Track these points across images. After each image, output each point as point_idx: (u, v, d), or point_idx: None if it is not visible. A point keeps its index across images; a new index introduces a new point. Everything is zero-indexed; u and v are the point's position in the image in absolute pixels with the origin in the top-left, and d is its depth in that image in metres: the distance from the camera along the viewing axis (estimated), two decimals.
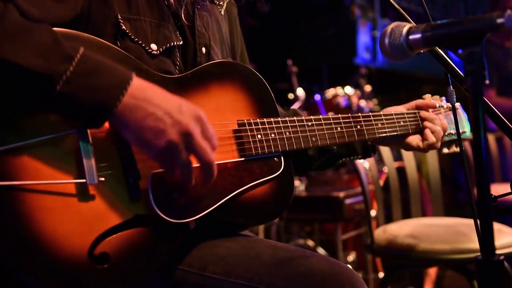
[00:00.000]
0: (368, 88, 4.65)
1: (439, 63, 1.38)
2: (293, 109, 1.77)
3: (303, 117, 1.50)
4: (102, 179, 1.19)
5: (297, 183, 3.68)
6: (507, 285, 1.00)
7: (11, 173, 1.11)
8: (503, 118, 1.35)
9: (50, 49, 1.11)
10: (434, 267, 3.74)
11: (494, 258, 1.00)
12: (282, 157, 1.45)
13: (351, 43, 5.52)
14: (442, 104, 1.77)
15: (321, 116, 1.53)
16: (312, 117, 1.51)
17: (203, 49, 1.48)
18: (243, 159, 1.38)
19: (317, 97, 4.18)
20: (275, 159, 1.44)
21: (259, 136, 1.41)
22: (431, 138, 1.65)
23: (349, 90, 4.24)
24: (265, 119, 1.43)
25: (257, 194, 1.40)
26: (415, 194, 2.94)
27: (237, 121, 1.40)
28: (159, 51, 1.37)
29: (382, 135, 1.63)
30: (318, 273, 1.29)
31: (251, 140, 1.40)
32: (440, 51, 1.37)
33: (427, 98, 1.79)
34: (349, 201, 3.47)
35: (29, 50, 1.09)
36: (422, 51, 1.15)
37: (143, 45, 1.35)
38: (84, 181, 1.17)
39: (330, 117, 1.54)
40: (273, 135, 1.43)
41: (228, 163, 1.36)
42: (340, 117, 1.56)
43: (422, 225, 2.60)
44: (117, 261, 1.19)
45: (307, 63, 5.34)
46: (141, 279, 1.22)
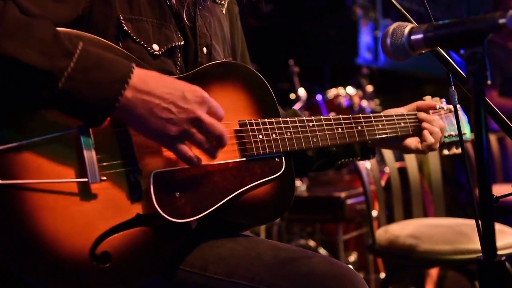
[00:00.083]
0: (370, 88, 4.64)
1: (441, 64, 1.38)
2: (293, 109, 1.77)
3: (304, 118, 1.50)
4: (104, 178, 1.19)
5: (298, 183, 3.68)
6: (508, 286, 0.99)
7: (13, 172, 1.11)
8: (505, 118, 1.35)
9: (50, 45, 1.11)
10: (435, 268, 3.73)
11: (495, 258, 1.00)
12: (283, 158, 1.45)
13: (353, 43, 5.52)
14: (442, 105, 1.77)
15: (322, 116, 1.53)
16: (313, 117, 1.51)
17: (204, 49, 1.48)
18: (244, 159, 1.39)
19: (319, 97, 4.18)
20: (276, 159, 1.44)
21: (261, 136, 1.41)
22: (430, 139, 1.65)
23: (351, 90, 4.24)
24: (266, 120, 1.43)
25: (258, 194, 1.40)
26: (416, 194, 2.93)
27: (239, 121, 1.40)
28: (161, 52, 1.37)
29: (382, 136, 1.63)
30: (319, 274, 1.29)
31: (252, 140, 1.40)
32: (442, 51, 1.37)
33: (428, 99, 1.79)
34: (350, 201, 3.47)
35: (29, 46, 1.09)
36: (424, 51, 1.15)
37: (145, 45, 1.35)
38: (86, 180, 1.17)
39: (331, 117, 1.54)
40: (274, 135, 1.43)
41: (229, 163, 1.36)
42: (341, 118, 1.56)
43: (423, 225, 2.60)
44: (119, 261, 1.19)
45: (308, 63, 5.34)
46: (143, 279, 1.22)
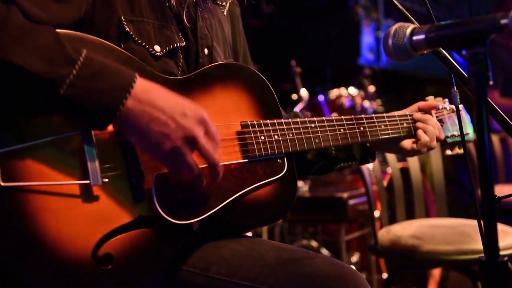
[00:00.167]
0: (372, 88, 4.64)
1: (443, 64, 1.37)
2: (294, 112, 1.77)
3: (306, 119, 1.50)
4: (106, 180, 1.19)
5: (300, 183, 3.68)
6: (511, 286, 0.99)
7: (15, 174, 1.11)
8: (507, 118, 1.35)
9: (53, 52, 1.11)
10: (438, 268, 3.73)
11: (498, 259, 1.00)
12: (285, 159, 1.45)
13: (355, 44, 5.53)
14: (445, 106, 1.77)
15: (324, 117, 1.53)
16: (315, 118, 1.51)
17: (205, 50, 1.48)
18: (246, 160, 1.38)
19: (321, 98, 4.18)
20: (278, 160, 1.44)
21: (262, 137, 1.41)
22: (424, 137, 1.63)
23: (353, 90, 4.24)
24: (268, 121, 1.43)
25: (261, 195, 1.40)
26: (418, 194, 2.93)
27: (241, 123, 1.40)
28: (162, 53, 1.37)
29: (385, 137, 1.63)
30: (321, 274, 1.29)
31: (254, 141, 1.40)
32: (443, 52, 1.37)
33: (430, 99, 1.78)
34: (352, 201, 3.47)
35: (32, 53, 1.09)
36: (425, 52, 1.15)
37: (147, 46, 1.35)
38: (88, 182, 1.17)
39: (333, 118, 1.54)
40: (276, 137, 1.43)
41: (231, 164, 1.36)
42: (343, 119, 1.56)
43: (425, 226, 2.59)
44: (121, 262, 1.19)
45: (310, 63, 5.35)
46: (145, 280, 1.22)
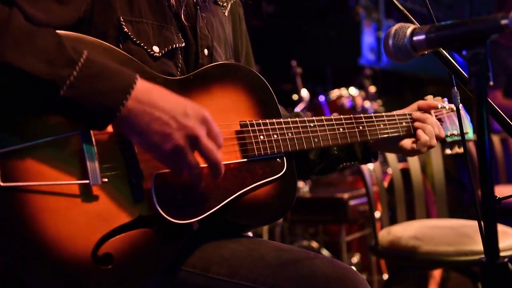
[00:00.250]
0: (372, 89, 4.64)
1: (443, 65, 1.37)
2: (296, 112, 1.77)
3: (305, 118, 1.50)
4: (105, 180, 1.19)
5: (301, 184, 3.68)
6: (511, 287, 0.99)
7: (14, 175, 1.11)
8: (507, 119, 1.35)
9: (54, 53, 1.11)
10: (438, 269, 3.73)
11: (498, 260, 0.99)
12: (284, 158, 1.45)
13: (356, 44, 5.53)
14: (444, 105, 1.76)
15: (323, 117, 1.52)
16: (314, 118, 1.51)
17: (205, 51, 1.48)
18: (245, 160, 1.38)
19: (322, 98, 4.18)
20: (278, 160, 1.44)
21: (262, 137, 1.41)
22: (423, 136, 1.63)
23: (354, 91, 4.24)
24: (267, 120, 1.43)
25: (260, 195, 1.40)
26: (419, 195, 2.93)
27: (240, 122, 1.40)
28: (161, 53, 1.37)
29: (384, 136, 1.62)
30: (322, 275, 1.29)
31: (253, 141, 1.40)
32: (444, 52, 1.37)
33: (429, 99, 1.78)
34: (353, 202, 3.47)
35: (33, 55, 1.10)
36: (426, 52, 1.15)
37: (145, 47, 1.35)
38: (87, 182, 1.17)
39: (332, 118, 1.54)
40: (275, 136, 1.43)
41: (231, 164, 1.36)
42: (342, 118, 1.56)
43: (426, 226, 2.59)
44: (121, 262, 1.19)
45: (311, 64, 5.35)
46: (145, 280, 1.22)
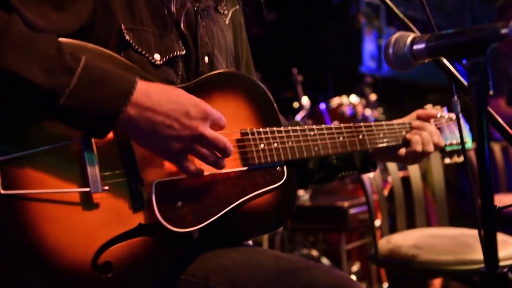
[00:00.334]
0: (373, 97, 4.64)
1: (444, 73, 1.37)
2: (295, 120, 1.77)
3: (305, 127, 1.50)
4: (106, 188, 1.19)
5: (301, 192, 3.68)
6: None
7: (15, 183, 1.11)
8: (508, 128, 1.35)
9: (52, 61, 1.11)
10: (438, 278, 3.71)
11: (497, 270, 0.99)
12: (284, 167, 1.45)
13: (357, 52, 5.54)
14: (443, 114, 1.77)
15: (323, 126, 1.52)
16: (314, 126, 1.51)
17: (206, 59, 1.48)
18: (246, 168, 1.38)
19: (322, 106, 4.19)
20: (278, 168, 1.44)
21: (262, 145, 1.41)
22: (415, 138, 1.63)
23: (354, 99, 4.24)
24: (268, 129, 1.43)
25: (260, 203, 1.40)
26: (419, 204, 2.92)
27: (240, 131, 1.40)
28: (162, 61, 1.37)
29: (383, 145, 1.63)
30: (321, 285, 1.28)
31: (254, 149, 1.40)
32: (444, 60, 1.37)
33: (429, 108, 1.79)
34: (353, 211, 3.46)
35: (32, 62, 1.09)
36: (426, 61, 1.15)
37: (147, 55, 1.35)
38: (88, 190, 1.17)
39: (332, 126, 1.54)
40: (275, 145, 1.43)
41: (231, 172, 1.36)
42: (342, 127, 1.56)
43: (426, 235, 2.58)
44: (121, 271, 1.19)
45: (312, 71, 5.36)
46: None
